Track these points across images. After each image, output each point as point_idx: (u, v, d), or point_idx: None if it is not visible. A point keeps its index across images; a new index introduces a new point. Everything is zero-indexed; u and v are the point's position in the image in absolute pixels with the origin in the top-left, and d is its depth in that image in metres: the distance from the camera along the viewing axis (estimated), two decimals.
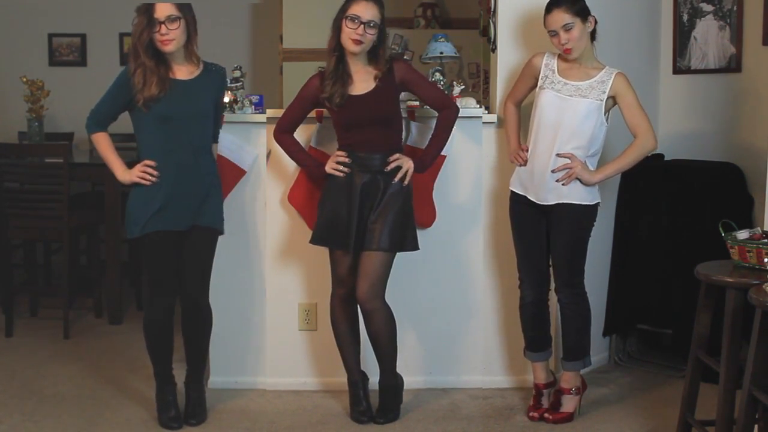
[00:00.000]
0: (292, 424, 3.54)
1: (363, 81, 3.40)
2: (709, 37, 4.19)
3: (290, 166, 3.80)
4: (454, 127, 3.52)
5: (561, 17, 3.30)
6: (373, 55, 3.40)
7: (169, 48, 3.29)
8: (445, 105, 3.48)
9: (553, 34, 3.34)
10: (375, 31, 3.33)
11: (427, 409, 3.68)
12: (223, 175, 3.66)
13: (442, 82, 3.84)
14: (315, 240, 3.50)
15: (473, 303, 3.90)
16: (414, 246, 3.46)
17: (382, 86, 3.38)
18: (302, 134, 3.68)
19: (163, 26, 3.25)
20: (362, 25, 3.29)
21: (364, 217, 3.38)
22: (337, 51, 3.39)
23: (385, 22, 3.39)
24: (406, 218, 3.42)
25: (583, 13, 3.33)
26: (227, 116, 3.74)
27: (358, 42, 3.31)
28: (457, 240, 3.84)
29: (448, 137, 3.51)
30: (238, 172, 3.77)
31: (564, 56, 3.38)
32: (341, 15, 3.35)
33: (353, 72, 3.40)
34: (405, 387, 3.68)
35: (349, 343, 3.56)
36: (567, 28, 3.30)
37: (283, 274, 3.87)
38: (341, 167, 3.40)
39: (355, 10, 3.31)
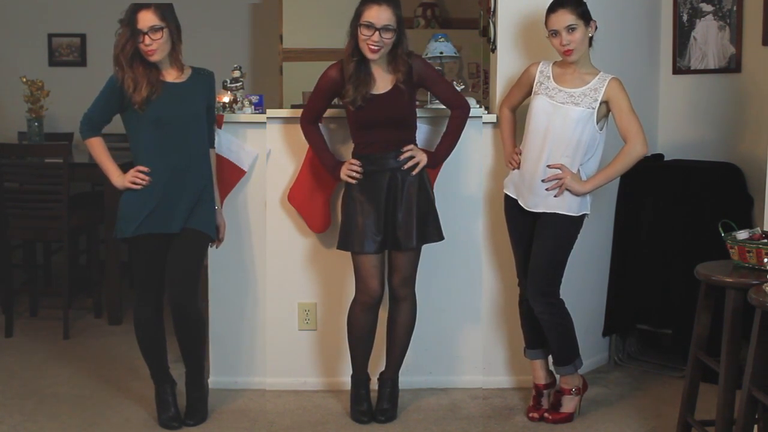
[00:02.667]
0: (292, 424, 3.54)
1: (383, 80, 3.39)
2: (708, 38, 4.19)
3: (290, 166, 3.80)
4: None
5: (565, 18, 3.29)
6: (392, 57, 3.37)
7: (154, 58, 3.31)
8: (458, 104, 3.49)
9: (555, 34, 3.32)
10: (392, 35, 3.29)
11: (427, 409, 3.68)
12: (223, 175, 3.66)
13: None
14: (342, 245, 3.48)
15: (473, 303, 3.90)
16: (437, 237, 3.49)
17: (402, 86, 3.37)
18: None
19: (146, 37, 3.26)
20: (377, 32, 3.26)
21: (390, 215, 3.40)
22: (357, 56, 3.35)
23: (402, 20, 3.34)
24: (427, 210, 3.45)
25: (586, 17, 3.33)
26: (227, 116, 3.75)
27: (375, 50, 3.29)
28: (456, 240, 3.83)
29: (459, 136, 3.52)
30: (238, 172, 3.77)
31: (563, 58, 3.37)
32: (356, 21, 3.30)
33: (374, 71, 3.38)
34: (405, 387, 3.71)
35: (364, 343, 3.55)
36: (570, 29, 3.29)
37: (283, 274, 3.87)
38: (355, 175, 3.40)
39: (369, 16, 3.26)
